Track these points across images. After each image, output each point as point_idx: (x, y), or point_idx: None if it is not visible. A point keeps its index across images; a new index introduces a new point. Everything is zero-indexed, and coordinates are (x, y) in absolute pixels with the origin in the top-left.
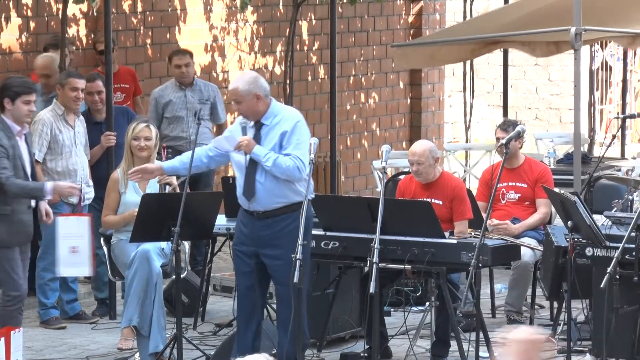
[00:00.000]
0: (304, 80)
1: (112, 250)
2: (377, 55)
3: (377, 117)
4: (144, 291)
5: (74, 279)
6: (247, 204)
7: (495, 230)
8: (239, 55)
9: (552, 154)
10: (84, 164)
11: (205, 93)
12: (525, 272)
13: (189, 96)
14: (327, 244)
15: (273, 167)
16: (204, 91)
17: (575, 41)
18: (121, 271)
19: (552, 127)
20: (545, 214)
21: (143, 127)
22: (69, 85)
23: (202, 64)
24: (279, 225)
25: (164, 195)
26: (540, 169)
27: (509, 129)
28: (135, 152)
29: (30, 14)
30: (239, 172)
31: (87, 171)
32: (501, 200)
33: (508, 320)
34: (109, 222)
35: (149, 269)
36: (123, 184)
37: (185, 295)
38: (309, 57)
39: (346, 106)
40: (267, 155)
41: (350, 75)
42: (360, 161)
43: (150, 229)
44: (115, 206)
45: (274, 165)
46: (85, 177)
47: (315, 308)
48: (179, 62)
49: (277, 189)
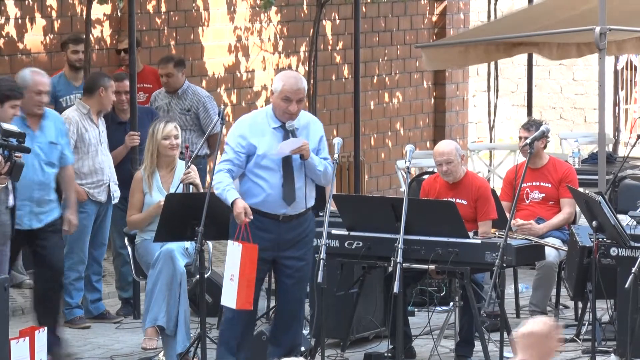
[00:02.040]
0: (327, 80)
1: (136, 250)
2: (401, 55)
3: (401, 117)
4: (168, 290)
5: (99, 279)
6: (282, 209)
7: (519, 230)
8: (263, 56)
9: (576, 154)
10: (110, 163)
11: (188, 103)
12: (550, 272)
13: (172, 104)
14: (351, 244)
15: (324, 171)
16: (188, 101)
17: (600, 41)
18: (145, 271)
19: (576, 127)
20: (569, 214)
21: (172, 127)
22: (112, 88)
23: (226, 64)
24: (301, 227)
25: (187, 195)
26: (565, 169)
27: (532, 129)
28: (166, 151)
29: (55, 15)
30: (268, 177)
31: (113, 170)
32: (525, 200)
33: None
34: (134, 221)
35: (173, 268)
36: (147, 184)
37: (208, 295)
38: (332, 56)
39: (370, 106)
40: (318, 160)
41: (374, 75)
42: (384, 161)
43: (174, 228)
44: (140, 206)
45: (324, 170)
46: (113, 176)
47: (339, 308)
48: (161, 71)
49: (309, 192)
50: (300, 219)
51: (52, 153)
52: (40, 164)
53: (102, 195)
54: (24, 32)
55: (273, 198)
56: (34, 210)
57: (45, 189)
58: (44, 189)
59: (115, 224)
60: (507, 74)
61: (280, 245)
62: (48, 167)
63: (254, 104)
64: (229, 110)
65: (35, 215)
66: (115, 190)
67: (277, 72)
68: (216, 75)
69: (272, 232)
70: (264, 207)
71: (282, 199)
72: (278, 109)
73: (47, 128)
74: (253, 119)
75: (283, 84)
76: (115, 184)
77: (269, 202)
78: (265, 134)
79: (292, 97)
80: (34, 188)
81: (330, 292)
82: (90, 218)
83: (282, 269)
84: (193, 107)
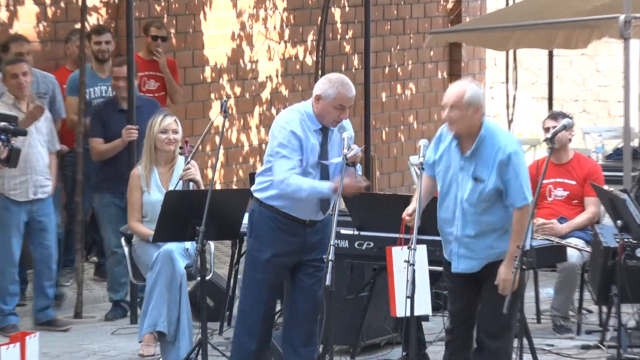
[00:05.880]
0: (336, 71)
1: (134, 251)
2: (414, 44)
3: (414, 110)
4: (168, 294)
5: (51, 284)
6: (312, 215)
7: (540, 229)
8: (268, 45)
9: (600, 149)
10: (41, 155)
11: (42, 85)
12: (572, 274)
13: None
14: (361, 244)
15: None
16: (41, 83)
17: (625, 29)
18: (142, 273)
19: (600, 121)
20: (594, 214)
21: (171, 121)
22: (8, 74)
23: (228, 53)
24: (325, 229)
25: (188, 193)
26: (590, 165)
27: (560, 119)
28: (162, 146)
29: (48, 1)
30: None
31: (46, 162)
32: (547, 198)
33: (554, 325)
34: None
35: (173, 270)
36: (145, 181)
37: (210, 299)
38: (342, 46)
39: (381, 98)
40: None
41: (385, 66)
42: (396, 156)
43: (174, 228)
44: (139, 205)
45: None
46: (42, 170)
47: (349, 312)
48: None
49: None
50: (323, 221)
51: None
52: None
53: (29, 193)
54: (14, 20)
55: (308, 205)
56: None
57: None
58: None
59: (110, 222)
60: (527, 65)
61: (305, 249)
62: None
63: (258, 96)
64: (232, 103)
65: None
66: (44, 186)
67: (283, 62)
68: (218, 65)
69: (299, 236)
70: (295, 211)
71: (319, 207)
72: (327, 115)
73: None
74: (299, 118)
75: (338, 92)
76: (45, 179)
77: (302, 208)
78: (309, 136)
79: (346, 104)
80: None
81: (339, 296)
82: (13, 217)
83: (304, 269)
84: (49, 90)
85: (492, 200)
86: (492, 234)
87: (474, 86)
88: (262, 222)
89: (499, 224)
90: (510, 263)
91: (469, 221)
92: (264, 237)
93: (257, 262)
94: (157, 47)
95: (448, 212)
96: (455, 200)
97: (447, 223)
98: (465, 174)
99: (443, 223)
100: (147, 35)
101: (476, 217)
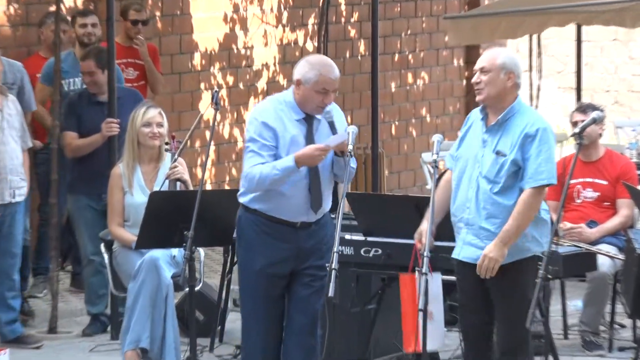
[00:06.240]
0: (340, 58)
1: (114, 258)
2: (426, 29)
3: (427, 101)
4: (152, 307)
5: (15, 295)
6: (303, 216)
7: (567, 235)
8: (264, 29)
9: (634, 145)
10: (16, 153)
11: (9, 75)
12: (603, 285)
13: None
14: (368, 252)
15: (354, 169)
16: (9, 73)
17: None
18: (124, 283)
19: (634, 114)
20: (627, 217)
21: (155, 113)
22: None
23: (220, 38)
24: (321, 232)
25: (175, 194)
26: (623, 164)
27: (589, 111)
28: (146, 141)
29: None
30: (293, 181)
31: (21, 161)
32: (576, 200)
33: (583, 342)
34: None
35: (158, 280)
36: (127, 181)
37: (200, 312)
38: (346, 30)
39: (390, 88)
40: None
41: (395, 52)
42: (407, 153)
43: (159, 233)
44: (120, 208)
45: (355, 167)
46: (16, 169)
47: (354, 327)
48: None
49: (329, 194)
50: (318, 224)
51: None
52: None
53: (4, 195)
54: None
55: (295, 204)
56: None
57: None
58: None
59: (87, 227)
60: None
61: (299, 256)
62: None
63: (253, 86)
64: (224, 93)
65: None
66: (19, 188)
67: (281, 48)
68: (209, 52)
69: (289, 241)
70: (281, 213)
71: (310, 206)
72: (310, 101)
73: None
74: (274, 108)
75: (319, 74)
76: (21, 179)
77: (289, 208)
78: (287, 127)
79: (330, 88)
80: None
81: (344, 309)
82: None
83: (299, 278)
84: (17, 79)
85: (509, 181)
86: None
87: (511, 52)
88: (248, 228)
89: (511, 206)
90: (501, 243)
91: (482, 200)
92: (253, 245)
93: (250, 274)
94: (137, 33)
95: (461, 196)
96: (470, 179)
97: (459, 209)
98: (487, 149)
99: (455, 211)
100: (125, 20)
101: (490, 197)
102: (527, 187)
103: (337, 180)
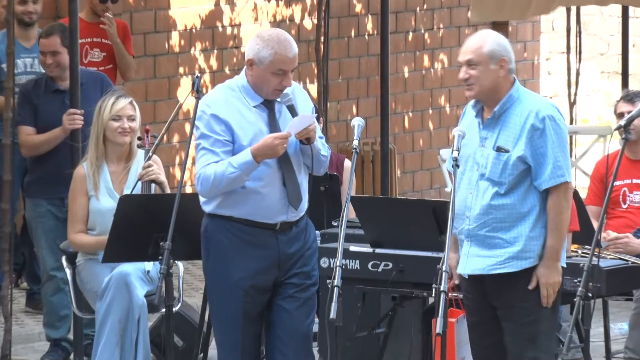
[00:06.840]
0: (344, 38)
1: (78, 274)
2: (446, 3)
3: (446, 89)
4: (122, 330)
5: None
6: (281, 215)
7: (611, 246)
8: (254, 3)
9: None
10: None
11: None
12: None
13: None
14: (377, 266)
15: (326, 158)
16: None
17: None
18: (90, 303)
19: None
20: None
21: (126, 103)
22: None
23: (201, 14)
24: (303, 236)
25: (149, 198)
26: None
27: (637, 100)
28: (114, 136)
29: None
30: (260, 175)
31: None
32: (621, 205)
33: None
34: (80, 243)
35: (129, 300)
36: (92, 183)
37: (178, 336)
38: (350, 5)
39: (403, 73)
40: (321, 142)
41: (408, 30)
42: (423, 150)
43: (131, 244)
44: (84, 215)
45: (327, 156)
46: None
47: (360, 353)
48: None
49: (306, 187)
50: (299, 226)
51: None
52: None
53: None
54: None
55: (270, 202)
56: None
57: None
58: None
59: (46, 237)
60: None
61: (281, 265)
62: None
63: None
64: (207, 79)
65: None
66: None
67: (274, 25)
68: (188, 30)
69: (270, 247)
70: (257, 215)
71: (288, 201)
72: (265, 84)
73: None
74: (225, 96)
75: (274, 52)
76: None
77: (265, 208)
78: (245, 116)
79: (287, 68)
80: None
81: (348, 333)
82: None
83: (282, 290)
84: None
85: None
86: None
87: (495, 35)
88: (219, 235)
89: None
90: (551, 261)
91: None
92: (226, 256)
93: (224, 291)
94: (105, 11)
95: (459, 204)
96: (469, 184)
97: (458, 219)
98: (486, 147)
99: (455, 222)
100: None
101: (496, 201)
102: (544, 187)
103: (314, 174)
